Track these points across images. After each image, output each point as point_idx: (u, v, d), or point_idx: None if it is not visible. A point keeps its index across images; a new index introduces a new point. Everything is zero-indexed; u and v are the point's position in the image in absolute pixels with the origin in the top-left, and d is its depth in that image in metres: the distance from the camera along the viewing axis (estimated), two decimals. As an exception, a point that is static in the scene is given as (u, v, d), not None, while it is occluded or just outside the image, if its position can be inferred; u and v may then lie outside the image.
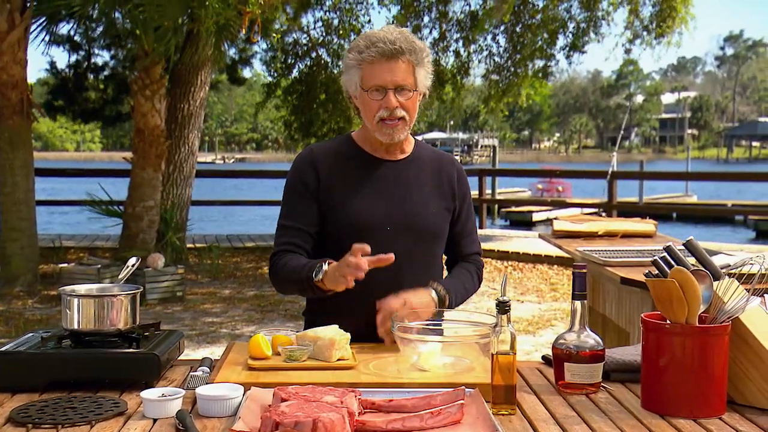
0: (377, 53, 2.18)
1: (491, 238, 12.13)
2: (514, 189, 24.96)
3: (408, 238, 2.27)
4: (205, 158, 64.25)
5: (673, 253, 1.94)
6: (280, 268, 2.28)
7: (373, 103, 2.22)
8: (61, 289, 2.02)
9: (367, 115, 2.26)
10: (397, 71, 2.19)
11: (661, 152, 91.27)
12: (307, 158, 2.33)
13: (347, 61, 2.26)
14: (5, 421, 1.68)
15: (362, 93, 2.24)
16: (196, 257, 10.53)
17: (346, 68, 2.27)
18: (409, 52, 2.20)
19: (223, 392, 1.75)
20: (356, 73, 2.24)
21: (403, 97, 2.22)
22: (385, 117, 2.22)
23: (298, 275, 2.21)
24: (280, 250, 2.29)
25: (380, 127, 2.25)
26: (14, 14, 8.16)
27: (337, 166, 2.30)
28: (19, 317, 7.06)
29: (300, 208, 2.29)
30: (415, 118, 2.30)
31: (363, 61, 2.21)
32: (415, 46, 2.22)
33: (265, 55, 13.27)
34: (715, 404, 1.73)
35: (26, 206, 8.43)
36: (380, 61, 2.18)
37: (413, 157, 2.36)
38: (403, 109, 2.22)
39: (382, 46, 2.18)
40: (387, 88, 2.20)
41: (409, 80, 2.21)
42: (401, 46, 2.19)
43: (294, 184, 2.32)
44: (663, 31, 11.42)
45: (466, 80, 12.66)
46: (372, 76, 2.20)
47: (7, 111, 8.25)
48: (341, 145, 2.37)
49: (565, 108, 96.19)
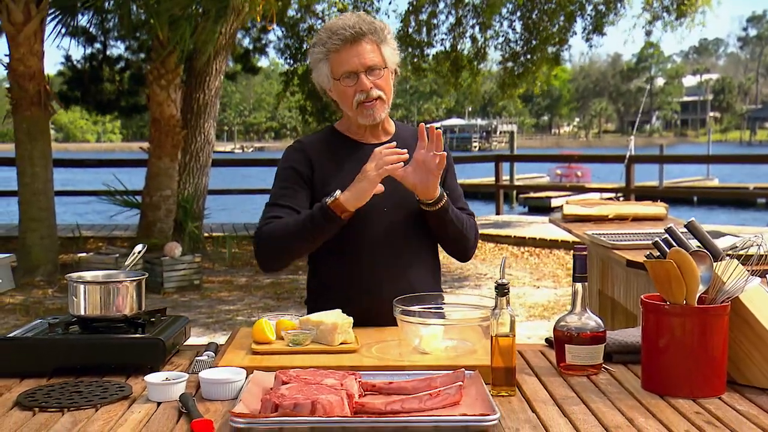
0: (340, 40, 2.22)
1: (508, 224, 12.11)
2: (532, 175, 24.86)
3: (404, 216, 2.30)
4: (224, 147, 64.53)
5: (675, 235, 1.94)
6: (271, 230, 2.22)
7: (348, 90, 2.26)
8: (68, 276, 2.05)
9: (345, 103, 2.29)
10: (363, 53, 2.23)
11: (683, 136, 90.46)
12: (299, 148, 2.36)
13: (313, 56, 2.30)
14: (13, 405, 1.71)
15: (335, 83, 2.27)
16: (213, 246, 10.60)
17: (314, 63, 2.31)
18: (370, 32, 2.24)
19: (225, 376, 1.77)
20: (324, 65, 2.27)
21: (375, 76, 2.25)
22: (363, 100, 2.25)
23: (301, 219, 2.18)
24: (269, 220, 2.26)
25: (360, 111, 2.27)
26: (30, 6, 8.22)
27: (328, 155, 2.33)
28: (39, 306, 7.16)
29: (292, 191, 2.29)
30: (392, 96, 2.33)
31: (329, 52, 2.24)
32: (376, 26, 2.26)
33: (279, 43, 13.30)
34: (715, 384, 1.74)
35: (45, 197, 8.52)
36: (345, 47, 2.22)
37: (396, 137, 2.39)
38: (378, 88, 2.26)
39: (343, 32, 2.22)
40: (358, 72, 2.23)
41: (377, 59, 2.25)
42: (362, 28, 2.22)
43: (286, 171, 2.33)
44: (684, 11, 11.29)
45: (482, 66, 12.62)
46: (340, 64, 2.24)
47: (25, 102, 8.32)
48: (327, 136, 2.40)
49: (584, 92, 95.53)
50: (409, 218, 2.30)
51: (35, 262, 8.42)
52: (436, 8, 11.92)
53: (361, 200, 2.15)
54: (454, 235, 2.33)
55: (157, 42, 9.16)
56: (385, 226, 2.27)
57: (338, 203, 2.15)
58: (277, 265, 2.31)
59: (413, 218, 2.30)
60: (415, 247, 2.32)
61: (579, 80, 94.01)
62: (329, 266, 2.33)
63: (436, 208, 2.25)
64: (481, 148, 75.10)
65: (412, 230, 2.30)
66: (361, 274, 2.28)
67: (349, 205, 2.15)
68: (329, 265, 2.32)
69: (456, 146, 76.69)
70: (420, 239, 2.34)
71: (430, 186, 2.21)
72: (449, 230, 2.32)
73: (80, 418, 1.63)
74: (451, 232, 2.32)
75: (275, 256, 2.26)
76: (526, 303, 7.30)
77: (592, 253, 4.26)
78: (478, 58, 12.37)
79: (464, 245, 2.38)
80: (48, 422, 1.61)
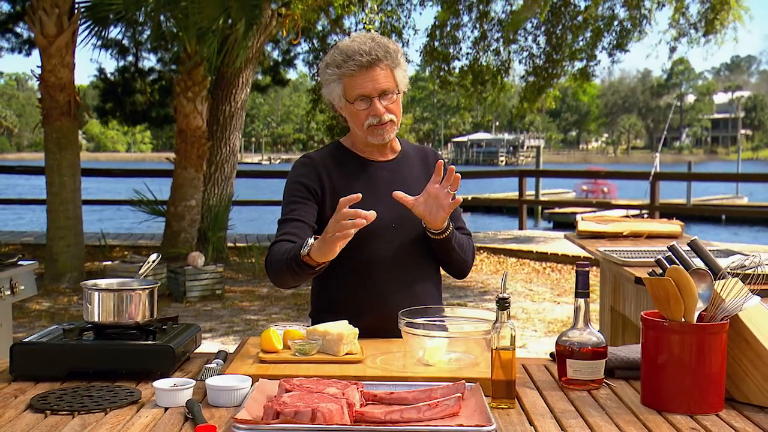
0: (357, 66, 2.25)
1: (531, 240, 12.09)
2: (558, 190, 24.78)
3: (411, 233, 2.33)
4: (252, 159, 65.06)
5: (677, 253, 1.96)
6: (274, 254, 2.26)
7: (360, 114, 2.29)
8: (83, 283, 2.12)
9: (356, 124, 2.33)
10: (378, 79, 2.26)
11: (713, 153, 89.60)
12: (309, 164, 2.39)
13: (326, 76, 2.32)
14: (26, 407, 1.77)
15: (347, 105, 2.31)
16: (236, 256, 10.70)
17: (326, 83, 2.33)
18: (385, 58, 2.26)
19: (231, 383, 1.82)
20: (337, 86, 2.30)
21: (388, 101, 2.29)
22: (374, 123, 2.29)
23: (287, 255, 2.20)
24: (279, 240, 2.29)
25: (371, 132, 2.31)
26: (62, 18, 8.40)
27: (337, 171, 2.37)
28: (64, 313, 7.28)
29: (302, 206, 2.33)
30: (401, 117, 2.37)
31: (343, 75, 2.27)
32: (390, 50, 2.28)
33: (308, 56, 13.43)
34: (713, 401, 1.75)
35: (73, 205, 8.67)
36: (360, 72, 2.25)
37: (402, 155, 2.44)
38: (390, 112, 2.30)
39: (359, 58, 2.24)
40: (371, 97, 2.27)
41: (390, 84, 2.28)
42: (377, 55, 2.25)
43: (296, 188, 2.35)
44: (712, 29, 11.23)
45: (506, 80, 12.64)
46: (354, 87, 2.27)
47: (55, 113, 8.49)
48: (333, 152, 2.43)
49: (613, 108, 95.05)
50: (416, 234, 2.34)
51: (62, 269, 8.58)
52: (460, 21, 11.98)
53: (328, 256, 2.11)
54: (455, 259, 2.40)
55: (185, 54, 9.32)
56: (392, 241, 2.32)
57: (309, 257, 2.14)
58: (283, 287, 2.35)
59: (419, 234, 2.34)
60: (420, 262, 2.36)
61: (608, 96, 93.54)
62: (335, 280, 2.36)
63: (440, 237, 2.30)
64: (508, 162, 74.92)
65: (418, 246, 2.34)
66: (367, 288, 2.32)
67: (318, 259, 2.12)
68: (335, 278, 2.36)
69: (482, 160, 76.51)
70: (425, 254, 2.38)
71: (438, 219, 2.25)
72: (451, 255, 2.38)
73: (89, 422, 1.68)
74: (452, 257, 2.38)
75: (279, 282, 2.30)
76: (545, 318, 7.29)
77: (605, 269, 4.26)
78: (501, 72, 12.40)
79: (462, 267, 2.44)
80: (58, 424, 1.66)
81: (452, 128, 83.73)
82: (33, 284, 3.79)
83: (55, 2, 8.28)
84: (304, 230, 2.29)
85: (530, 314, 7.47)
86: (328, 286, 2.40)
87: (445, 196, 2.21)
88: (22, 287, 3.61)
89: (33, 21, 8.39)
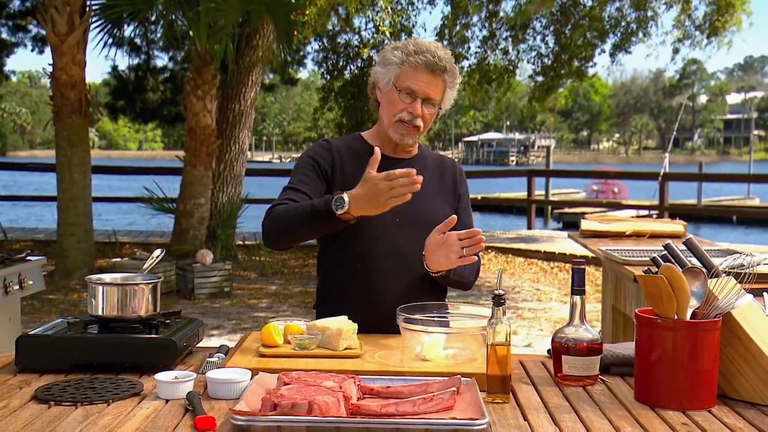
0: (423, 62, 2.29)
1: (538, 239, 12.09)
2: (568, 190, 24.73)
3: (414, 231, 2.36)
4: (262, 157, 65.20)
5: (672, 251, 1.99)
6: (282, 211, 2.25)
7: (398, 104, 2.33)
8: (88, 277, 2.15)
9: (389, 112, 2.36)
10: (433, 84, 2.31)
11: (726, 153, 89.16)
12: (325, 146, 2.44)
13: (389, 56, 2.35)
14: (30, 398, 1.81)
15: (393, 89, 2.34)
16: (245, 254, 10.75)
17: (385, 62, 2.36)
18: (449, 73, 2.33)
19: (231, 376, 1.85)
20: (394, 70, 2.33)
21: (428, 109, 2.34)
22: (405, 120, 2.33)
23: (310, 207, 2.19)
24: (282, 203, 2.29)
25: (396, 126, 2.35)
26: (74, 17, 8.47)
27: (351, 159, 2.40)
28: (74, 309, 7.35)
29: (311, 181, 2.36)
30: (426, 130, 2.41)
31: (406, 63, 2.31)
32: (454, 70, 2.35)
33: (317, 56, 13.45)
34: (705, 397, 1.77)
35: (83, 202, 8.74)
36: (423, 69, 2.30)
37: (418, 158, 2.48)
38: (422, 119, 2.34)
39: (429, 57, 2.29)
40: (418, 96, 2.31)
41: (438, 97, 2.34)
42: (445, 65, 2.31)
43: (309, 163, 2.39)
44: (717, 30, 11.20)
45: (514, 79, 12.64)
46: (408, 78, 2.31)
47: (66, 110, 8.56)
48: (352, 142, 2.48)
49: (625, 108, 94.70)
50: (418, 231, 2.36)
51: (72, 265, 8.65)
52: (470, 20, 11.98)
53: (371, 212, 2.16)
54: (453, 284, 2.46)
55: (195, 53, 9.37)
56: (396, 237, 2.35)
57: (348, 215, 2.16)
58: (280, 246, 2.36)
59: (421, 229, 2.36)
60: (422, 259, 2.39)
61: (620, 96, 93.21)
62: (339, 273, 2.40)
63: (435, 275, 2.33)
64: (519, 162, 74.79)
65: (421, 242, 2.36)
66: (370, 283, 2.35)
67: (356, 213, 2.16)
68: (339, 272, 2.40)
69: (493, 160, 76.38)
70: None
71: (440, 264, 2.27)
72: (450, 283, 2.44)
73: (92, 412, 1.72)
74: (450, 284, 2.45)
75: (278, 237, 2.30)
76: (552, 318, 7.30)
77: (607, 268, 4.28)
78: (509, 71, 12.39)
79: (461, 287, 2.50)
80: (61, 415, 1.70)
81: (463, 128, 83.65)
82: (41, 279, 3.84)
83: (66, 1, 8.35)
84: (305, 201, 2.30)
85: (537, 313, 7.49)
86: (330, 277, 2.44)
87: (458, 251, 2.22)
88: (31, 282, 3.66)
89: (45, 19, 8.47)
